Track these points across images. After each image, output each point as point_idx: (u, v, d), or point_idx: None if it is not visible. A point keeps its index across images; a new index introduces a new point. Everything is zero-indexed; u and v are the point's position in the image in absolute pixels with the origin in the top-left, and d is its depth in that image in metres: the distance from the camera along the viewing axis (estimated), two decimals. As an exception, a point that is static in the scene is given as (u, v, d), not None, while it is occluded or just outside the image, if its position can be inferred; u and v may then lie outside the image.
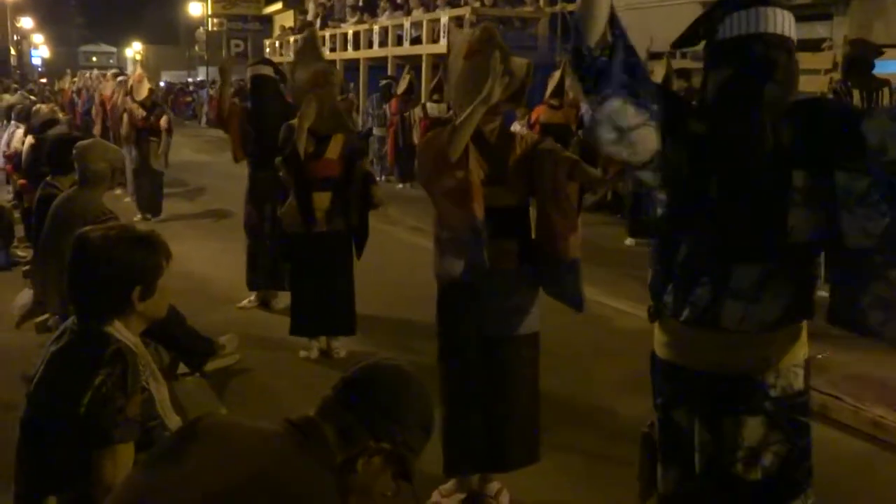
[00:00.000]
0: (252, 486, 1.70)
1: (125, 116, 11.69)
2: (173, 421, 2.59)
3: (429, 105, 14.99)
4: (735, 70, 2.46)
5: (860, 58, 8.09)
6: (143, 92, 11.78)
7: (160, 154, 11.70)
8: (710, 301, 2.53)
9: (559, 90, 12.12)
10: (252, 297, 7.49)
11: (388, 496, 1.96)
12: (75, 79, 25.39)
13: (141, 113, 11.65)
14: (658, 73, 14.27)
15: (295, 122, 5.74)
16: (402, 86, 16.16)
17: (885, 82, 7.95)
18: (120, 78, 14.73)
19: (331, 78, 5.83)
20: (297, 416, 1.92)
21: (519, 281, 3.88)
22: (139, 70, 12.19)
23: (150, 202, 11.83)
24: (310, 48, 6.15)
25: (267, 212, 7.11)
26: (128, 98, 12.01)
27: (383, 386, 1.95)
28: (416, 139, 14.46)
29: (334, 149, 5.85)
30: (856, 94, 7.90)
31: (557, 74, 12.25)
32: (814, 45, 12.94)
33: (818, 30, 13.89)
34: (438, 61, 17.12)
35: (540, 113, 12.25)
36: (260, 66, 7.57)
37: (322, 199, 5.85)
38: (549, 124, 11.88)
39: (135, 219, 10.97)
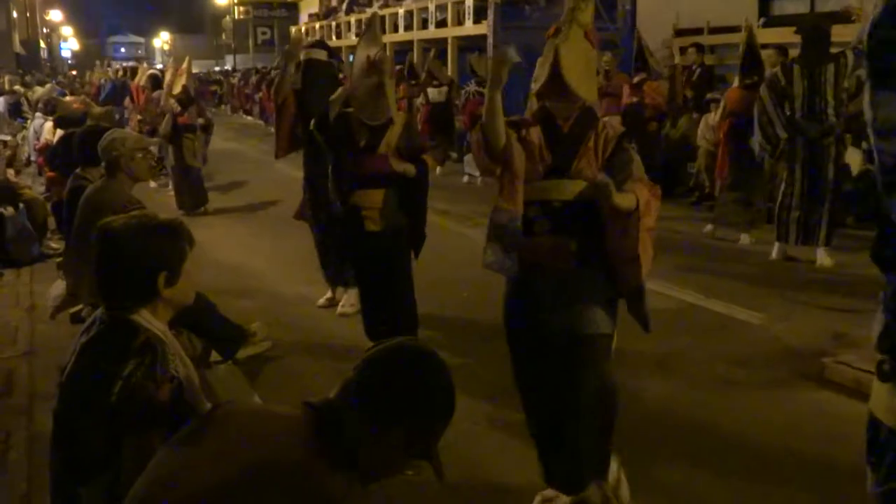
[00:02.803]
0: (264, 473, 1.71)
1: (167, 116, 11.59)
2: (204, 409, 2.61)
3: (430, 91, 14.99)
4: None
5: (808, 36, 8.23)
6: (178, 87, 11.70)
7: (198, 150, 11.62)
8: None
9: None
10: (328, 295, 7.15)
11: (411, 475, 2.00)
12: (108, 69, 25.63)
13: (175, 108, 11.56)
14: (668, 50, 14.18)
15: (349, 111, 5.54)
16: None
17: (830, 58, 8.00)
18: (151, 71, 14.78)
19: (381, 66, 5.44)
20: (317, 398, 1.94)
21: (580, 281, 3.58)
22: (185, 64, 12.08)
23: (192, 197, 11.59)
24: (369, 31, 5.97)
25: (322, 202, 6.65)
26: (164, 94, 11.99)
27: (403, 367, 1.96)
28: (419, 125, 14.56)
29: (389, 142, 5.50)
30: (795, 71, 8.02)
31: None
32: (843, 18, 12.78)
33: (848, 1, 13.70)
34: (464, 43, 17.10)
35: None
36: (314, 49, 7.41)
37: (372, 197, 5.51)
38: None
39: (179, 212, 10.81)
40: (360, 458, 1.86)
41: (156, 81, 13.97)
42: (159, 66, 19.08)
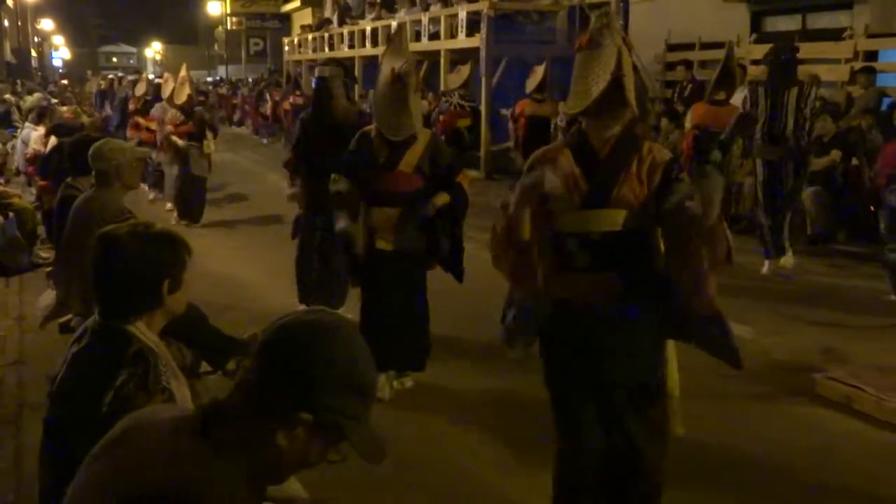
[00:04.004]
0: (147, 492, 1.64)
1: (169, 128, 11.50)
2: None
3: None
4: None
5: (772, 60, 8.37)
6: (183, 96, 11.59)
7: (205, 154, 11.52)
8: None
9: (542, 85, 12.51)
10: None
11: (337, 461, 1.80)
12: (101, 81, 25.62)
13: (179, 117, 11.49)
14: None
15: (371, 129, 5.36)
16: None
17: (795, 83, 8.16)
18: (154, 79, 14.65)
19: (406, 79, 5.21)
20: (210, 398, 1.85)
21: (627, 321, 3.27)
22: (183, 72, 12.03)
23: (193, 209, 11.53)
24: (393, 44, 5.78)
25: (318, 222, 6.61)
26: (165, 104, 11.87)
27: (295, 348, 1.73)
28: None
29: (410, 160, 5.27)
30: (760, 93, 8.24)
31: (540, 70, 12.67)
32: (835, 35, 12.88)
33: (840, 19, 13.79)
34: (456, 56, 17.15)
35: (525, 106, 12.79)
36: (326, 67, 7.34)
37: (388, 216, 5.30)
38: (534, 116, 12.61)
39: (171, 222, 10.77)
40: (264, 453, 1.73)
41: (156, 92, 13.90)
42: (152, 77, 18.99)
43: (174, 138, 11.35)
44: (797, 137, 8.15)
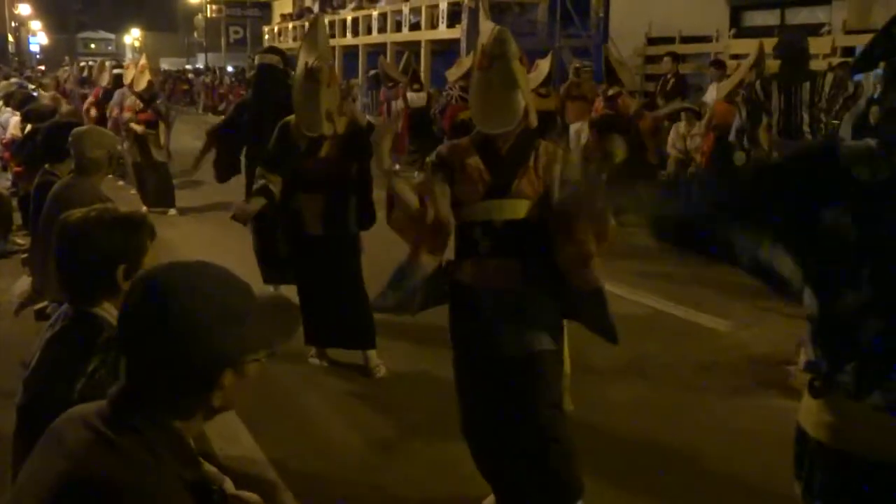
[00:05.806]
0: (59, 488, 1.65)
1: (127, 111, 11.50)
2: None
3: (410, 95, 15.02)
4: None
5: (785, 54, 8.10)
6: (143, 83, 11.56)
7: (161, 145, 11.53)
8: None
9: (547, 79, 12.43)
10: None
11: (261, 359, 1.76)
12: (66, 67, 25.33)
13: (138, 105, 11.47)
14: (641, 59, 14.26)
15: (291, 118, 5.45)
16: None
17: (808, 75, 7.84)
18: (116, 71, 14.57)
19: (317, 75, 5.26)
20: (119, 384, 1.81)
21: (526, 301, 3.58)
22: (143, 60, 11.96)
23: (162, 194, 11.53)
24: (309, 36, 5.78)
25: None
26: (125, 90, 11.88)
27: (154, 309, 1.68)
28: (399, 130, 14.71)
29: (329, 146, 5.42)
30: (773, 87, 7.88)
31: (545, 65, 12.54)
32: (813, 31, 12.96)
33: (818, 14, 13.88)
34: (437, 47, 17.14)
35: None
36: (266, 55, 7.32)
37: (315, 201, 5.47)
38: (539, 112, 12.27)
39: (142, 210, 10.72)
40: (179, 422, 1.72)
41: (118, 81, 13.82)
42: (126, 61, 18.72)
43: (133, 125, 11.36)
44: (813, 132, 7.99)
